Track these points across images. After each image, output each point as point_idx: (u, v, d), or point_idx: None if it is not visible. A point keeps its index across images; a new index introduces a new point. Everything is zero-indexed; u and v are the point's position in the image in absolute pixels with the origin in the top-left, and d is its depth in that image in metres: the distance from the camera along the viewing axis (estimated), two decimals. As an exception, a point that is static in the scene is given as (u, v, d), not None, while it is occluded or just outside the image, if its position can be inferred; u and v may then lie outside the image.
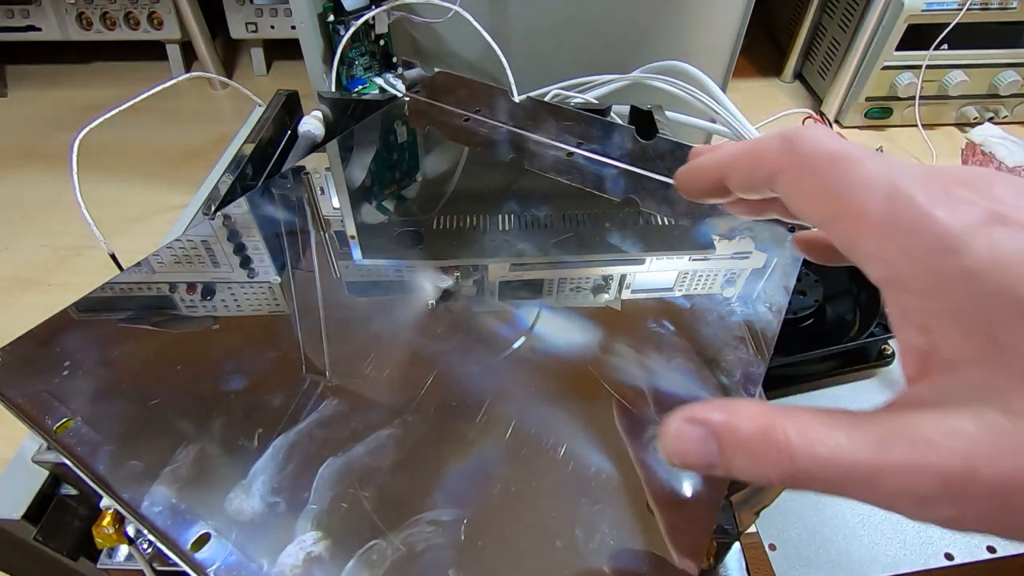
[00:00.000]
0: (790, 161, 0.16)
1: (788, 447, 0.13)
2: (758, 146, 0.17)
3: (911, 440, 0.12)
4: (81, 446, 0.23)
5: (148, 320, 0.29)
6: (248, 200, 0.37)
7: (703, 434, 0.15)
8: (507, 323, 0.30)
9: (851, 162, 0.15)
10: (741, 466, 0.14)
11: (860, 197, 0.14)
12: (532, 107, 0.44)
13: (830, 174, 0.15)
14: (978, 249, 0.13)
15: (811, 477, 0.13)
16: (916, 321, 0.14)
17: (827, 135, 0.15)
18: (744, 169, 0.17)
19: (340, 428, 0.24)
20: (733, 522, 0.26)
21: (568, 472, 0.23)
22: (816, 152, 0.15)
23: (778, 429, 0.14)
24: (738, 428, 0.14)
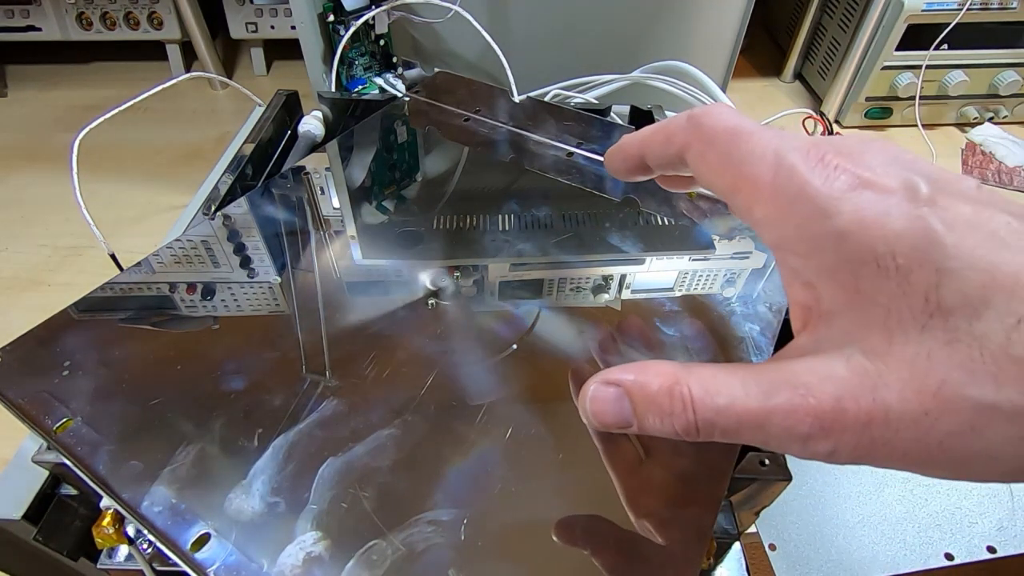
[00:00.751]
0: (695, 137, 0.17)
1: (691, 400, 0.15)
2: (668, 125, 0.18)
3: (792, 385, 0.14)
4: (81, 446, 0.23)
5: (148, 320, 0.29)
6: (248, 200, 0.37)
7: (617, 394, 0.16)
8: (507, 323, 0.30)
9: (745, 136, 0.16)
10: (652, 422, 0.16)
11: (751, 168, 0.16)
12: (532, 107, 0.44)
13: (727, 148, 0.16)
14: (846, 212, 0.14)
15: (712, 426, 0.15)
16: (800, 279, 0.15)
17: (728, 112, 0.17)
18: (658, 146, 0.19)
19: (340, 428, 0.24)
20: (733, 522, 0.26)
21: (568, 472, 0.23)
22: (715, 128, 0.17)
23: (682, 384, 0.15)
24: (647, 385, 0.16)
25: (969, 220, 0.13)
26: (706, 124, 0.17)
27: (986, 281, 0.13)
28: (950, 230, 0.13)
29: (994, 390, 0.12)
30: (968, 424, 0.12)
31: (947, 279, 0.13)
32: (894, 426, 0.13)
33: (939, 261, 0.13)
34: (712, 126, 0.17)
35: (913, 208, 0.14)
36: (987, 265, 0.13)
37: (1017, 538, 0.35)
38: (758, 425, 0.14)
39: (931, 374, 0.13)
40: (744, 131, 0.16)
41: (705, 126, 0.17)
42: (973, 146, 0.72)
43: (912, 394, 0.13)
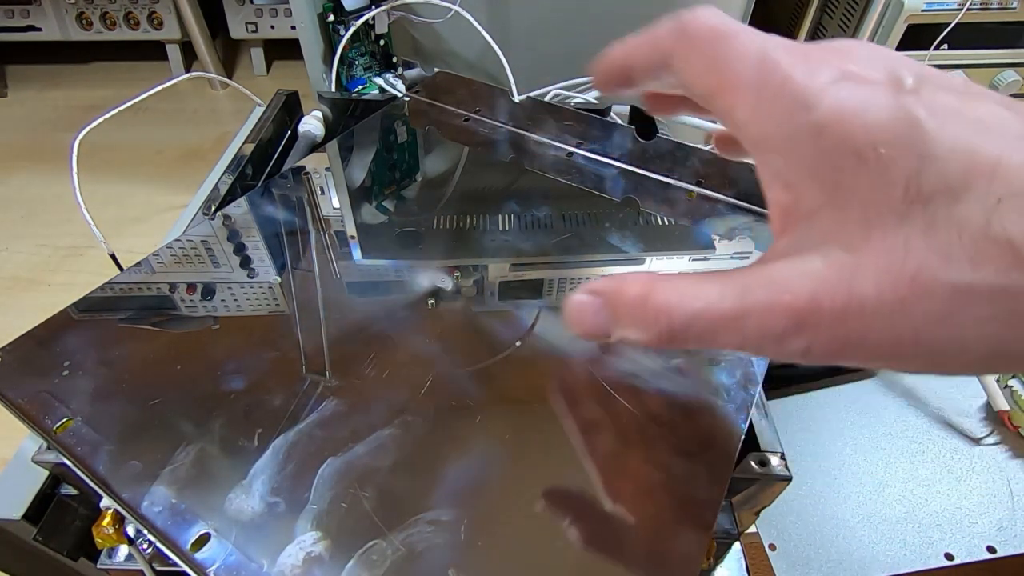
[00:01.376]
0: (681, 41, 0.17)
1: (667, 306, 0.15)
2: (655, 30, 0.18)
3: (768, 284, 0.14)
4: (81, 446, 0.23)
5: (148, 320, 0.29)
6: (248, 200, 0.37)
7: (599, 303, 0.16)
8: (507, 323, 0.30)
9: (729, 36, 0.16)
10: (630, 330, 0.16)
11: (735, 67, 0.15)
12: (532, 107, 0.44)
13: (712, 49, 0.16)
14: (826, 104, 0.13)
15: (688, 331, 0.15)
16: (780, 179, 0.15)
17: (713, 13, 0.16)
18: (644, 54, 0.18)
19: (340, 428, 0.24)
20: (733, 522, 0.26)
21: (568, 472, 0.23)
22: (700, 29, 0.16)
23: (659, 291, 0.15)
24: (625, 293, 0.16)
25: (954, 108, 0.13)
26: (690, 26, 0.16)
27: (967, 165, 0.12)
28: (932, 117, 0.13)
29: (971, 271, 0.12)
30: (944, 310, 0.12)
31: (928, 165, 0.12)
32: (869, 318, 0.13)
33: (921, 148, 0.13)
34: (696, 28, 0.16)
35: (896, 98, 0.13)
36: (968, 148, 0.12)
37: (1017, 538, 0.35)
38: (734, 327, 0.14)
39: (908, 261, 0.12)
40: (730, 31, 0.16)
41: (689, 29, 0.16)
42: (973, 146, 0.72)
43: (888, 284, 0.12)
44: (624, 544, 0.21)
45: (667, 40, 0.17)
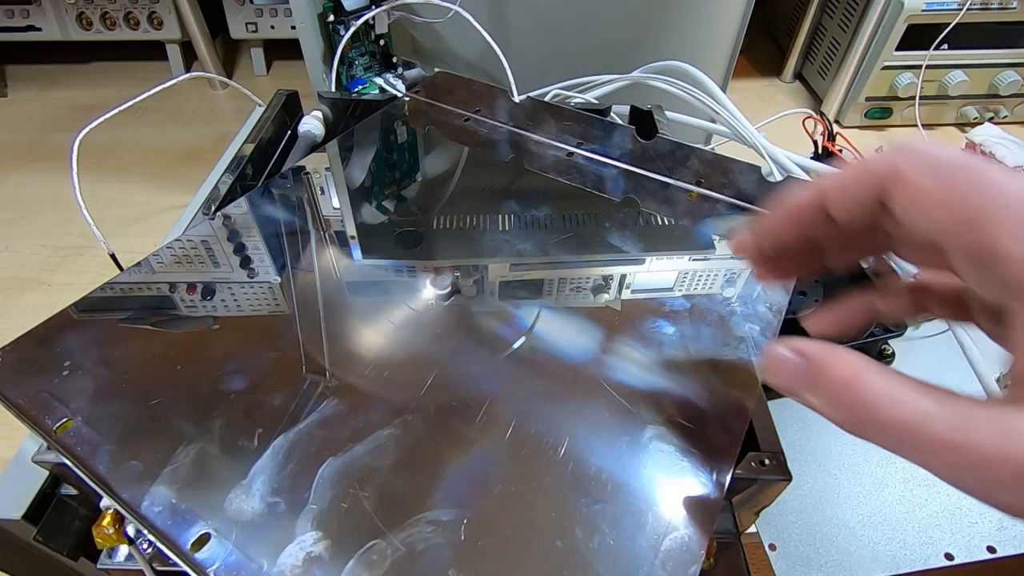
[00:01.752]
0: (911, 166, 0.15)
1: (871, 402, 0.14)
2: (868, 162, 0.17)
3: (1000, 427, 0.13)
4: (81, 446, 0.23)
5: (148, 320, 0.29)
6: (248, 200, 0.37)
7: (799, 364, 0.16)
8: (507, 323, 0.30)
9: (980, 169, 0.15)
10: (822, 404, 0.16)
11: (998, 198, 0.14)
12: (532, 107, 0.44)
13: (958, 180, 0.15)
14: None
15: (885, 432, 0.14)
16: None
17: (942, 146, 0.15)
18: (853, 186, 0.17)
19: (340, 428, 0.24)
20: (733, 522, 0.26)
21: (568, 472, 0.23)
22: (939, 158, 0.15)
23: (866, 383, 0.15)
24: (831, 371, 0.15)
25: None
26: (924, 152, 0.15)
27: None
28: None
29: None
30: None
31: None
32: None
33: None
34: (932, 155, 0.15)
35: None
36: None
37: (1017, 538, 0.35)
38: (941, 452, 0.13)
39: None
40: (974, 163, 0.15)
41: (923, 154, 0.15)
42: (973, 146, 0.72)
43: None
44: (624, 544, 0.21)
45: (883, 167, 0.16)
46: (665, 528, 0.21)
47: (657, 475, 0.23)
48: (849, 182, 0.17)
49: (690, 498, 0.22)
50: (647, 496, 0.22)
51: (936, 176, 0.15)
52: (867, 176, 0.16)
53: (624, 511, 0.22)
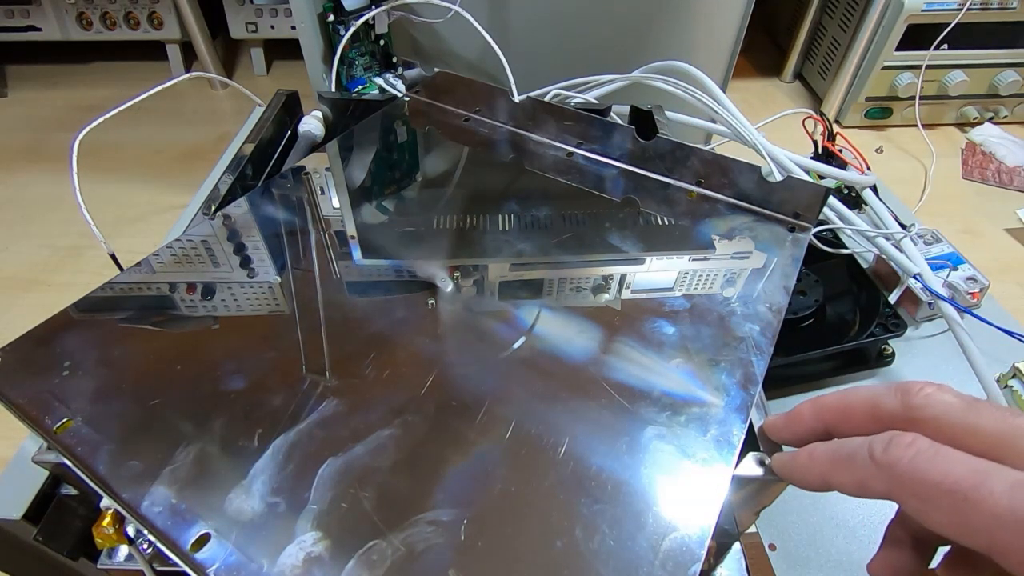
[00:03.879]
0: (901, 492, 0.15)
1: None
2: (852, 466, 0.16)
3: None
4: (81, 446, 0.23)
5: (148, 320, 0.29)
6: (248, 200, 0.37)
7: None
8: (507, 323, 0.30)
9: (972, 496, 0.13)
10: None
11: (1004, 539, 0.13)
12: (532, 107, 0.44)
13: (956, 512, 0.14)
14: None
15: None
16: None
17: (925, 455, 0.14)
18: (851, 490, 0.16)
19: (340, 428, 0.24)
20: (733, 522, 0.26)
21: (568, 472, 0.23)
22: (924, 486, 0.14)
23: None
24: None
25: None
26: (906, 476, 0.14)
27: None
28: None
29: None
30: None
31: None
32: None
33: None
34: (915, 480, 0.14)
35: None
36: None
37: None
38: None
39: None
40: (963, 487, 0.14)
41: (908, 485, 0.14)
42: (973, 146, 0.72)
43: None
44: (624, 544, 0.21)
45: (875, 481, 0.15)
46: (665, 528, 0.21)
47: (657, 475, 0.23)
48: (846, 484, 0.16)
49: (690, 498, 0.22)
50: (647, 496, 0.22)
51: (934, 507, 0.14)
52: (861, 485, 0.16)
53: (624, 511, 0.22)
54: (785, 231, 0.36)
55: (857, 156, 0.51)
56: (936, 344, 0.46)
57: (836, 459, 0.17)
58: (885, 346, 0.45)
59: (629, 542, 0.21)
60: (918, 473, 0.14)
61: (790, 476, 0.19)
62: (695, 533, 0.21)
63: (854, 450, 0.16)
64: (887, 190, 0.57)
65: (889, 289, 0.46)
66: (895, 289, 0.45)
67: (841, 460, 0.16)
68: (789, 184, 0.36)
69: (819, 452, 0.18)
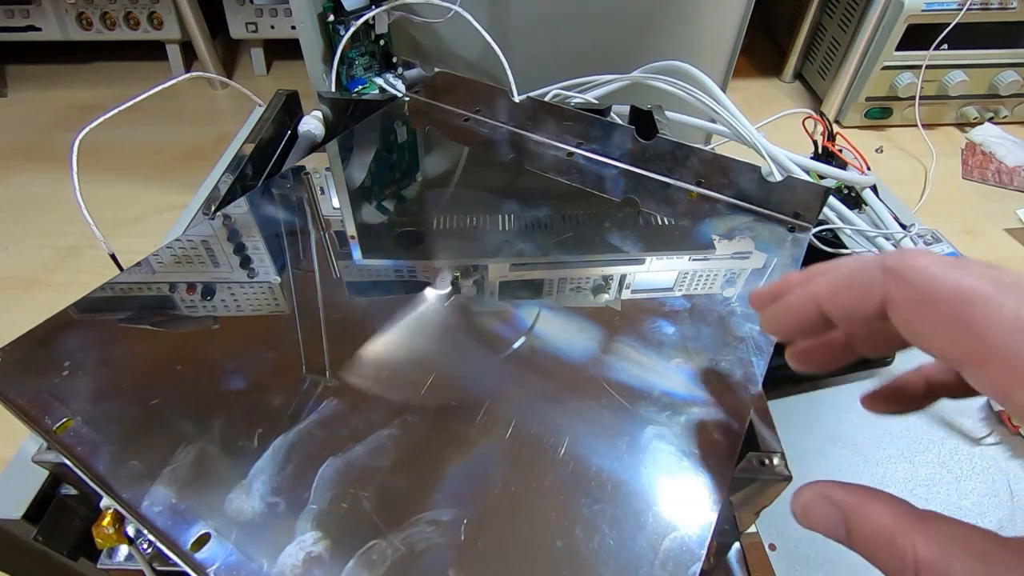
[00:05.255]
0: (905, 296, 0.15)
1: (914, 561, 0.13)
2: (857, 279, 0.16)
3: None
4: (81, 446, 0.23)
5: (148, 320, 0.29)
6: (248, 200, 0.37)
7: (834, 514, 0.16)
8: (507, 323, 0.30)
9: (982, 302, 0.13)
10: (864, 554, 0.15)
11: (1005, 345, 0.13)
12: (532, 107, 0.44)
13: (959, 315, 0.14)
14: None
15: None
16: None
17: (939, 267, 0.14)
18: (847, 304, 0.16)
19: (340, 428, 0.24)
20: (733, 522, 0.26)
21: (568, 472, 0.23)
22: (934, 288, 0.14)
23: (907, 538, 0.14)
24: (867, 521, 0.15)
25: None
26: (917, 282, 0.14)
27: None
28: None
29: None
30: None
31: None
32: None
33: None
34: (927, 285, 0.14)
35: None
36: None
37: (1017, 538, 0.35)
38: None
39: None
40: (978, 295, 0.13)
41: (916, 283, 0.14)
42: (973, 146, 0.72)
43: None
44: (624, 544, 0.21)
45: (878, 291, 0.15)
46: (665, 528, 0.21)
47: (657, 475, 0.23)
48: (846, 300, 0.16)
49: (690, 498, 0.22)
50: (647, 496, 0.22)
51: (934, 311, 0.14)
52: (862, 297, 0.16)
53: (624, 511, 0.22)
54: (785, 231, 0.36)
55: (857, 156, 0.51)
56: (936, 344, 0.46)
57: (836, 277, 0.17)
58: (885, 346, 0.44)
59: (629, 542, 0.21)
60: (935, 280, 0.14)
61: (778, 316, 0.19)
62: (695, 533, 0.21)
63: (862, 264, 0.16)
64: (887, 190, 0.57)
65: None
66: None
67: (842, 278, 0.16)
68: (789, 184, 0.36)
69: (817, 274, 0.17)
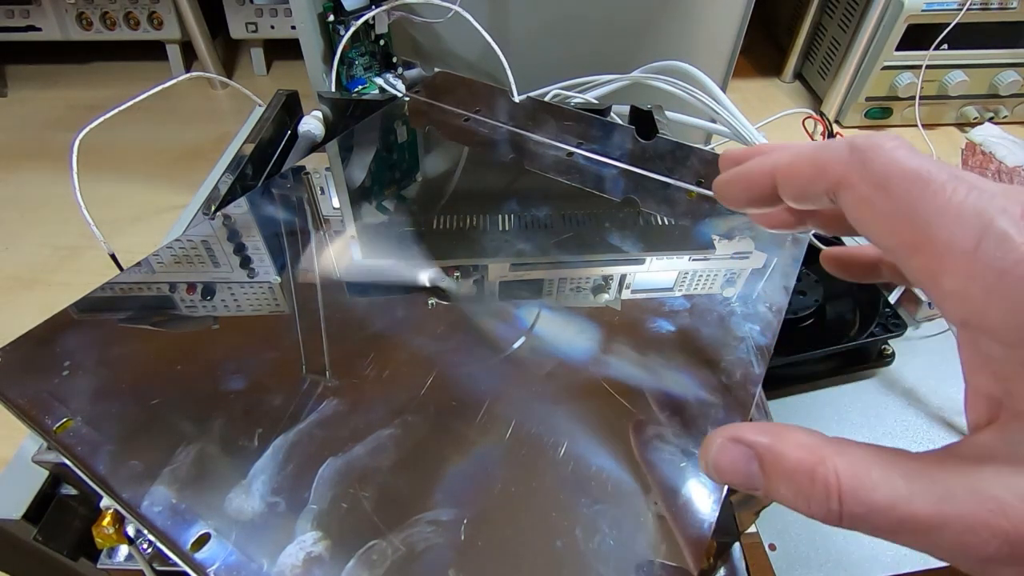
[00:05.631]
0: (862, 176, 0.14)
1: (838, 488, 0.13)
2: (820, 155, 0.15)
3: (978, 497, 0.12)
4: (81, 446, 0.23)
5: (148, 320, 0.29)
6: (248, 200, 0.37)
7: (746, 455, 0.14)
8: (507, 323, 0.30)
9: (935, 186, 0.13)
10: (784, 495, 0.14)
11: (945, 229, 0.13)
12: (532, 107, 0.44)
13: (909, 198, 0.13)
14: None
15: (861, 520, 0.13)
16: (992, 367, 0.13)
17: (905, 150, 0.14)
18: (802, 178, 0.16)
19: (340, 428, 0.24)
20: (733, 522, 0.26)
21: (568, 472, 0.23)
22: (892, 170, 0.14)
23: (827, 466, 0.13)
24: (783, 456, 0.14)
25: None
26: (877, 162, 0.14)
27: None
28: None
29: None
30: None
31: None
32: None
33: None
34: (886, 166, 0.14)
35: None
36: None
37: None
38: (924, 533, 0.12)
39: None
40: (933, 179, 0.13)
41: (876, 163, 0.14)
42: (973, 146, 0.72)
43: None
44: (624, 544, 0.21)
45: (839, 169, 0.15)
46: (665, 528, 0.21)
47: (657, 475, 0.23)
48: (801, 174, 0.16)
49: (690, 498, 0.22)
50: (647, 496, 0.22)
51: (886, 194, 0.14)
52: (819, 173, 0.15)
53: (624, 511, 0.22)
54: (785, 231, 0.36)
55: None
56: (936, 344, 0.46)
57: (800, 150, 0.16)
58: (885, 346, 0.45)
59: (629, 542, 0.21)
60: (895, 162, 0.14)
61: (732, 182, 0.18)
62: (695, 533, 0.21)
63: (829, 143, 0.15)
64: (887, 190, 0.57)
65: (889, 289, 0.46)
66: (895, 289, 0.44)
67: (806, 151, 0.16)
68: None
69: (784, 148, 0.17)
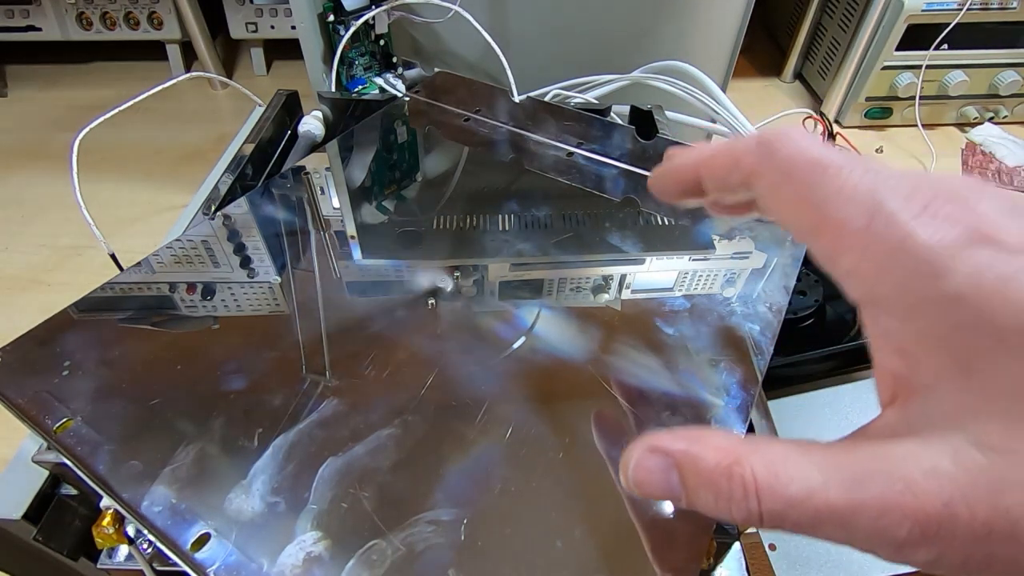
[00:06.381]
0: (768, 166, 0.15)
1: (755, 486, 0.13)
2: (735, 148, 0.16)
3: (887, 478, 0.12)
4: (81, 446, 0.23)
5: (148, 320, 0.29)
6: (248, 200, 0.37)
7: (664, 464, 0.14)
8: (507, 323, 0.30)
9: (832, 171, 0.14)
10: (704, 501, 0.14)
11: (840, 210, 0.13)
12: (532, 107, 0.44)
13: (809, 183, 0.14)
14: (959, 272, 0.12)
15: (780, 517, 0.13)
16: (894, 343, 0.13)
17: (807, 140, 0.15)
18: (720, 170, 0.17)
19: (340, 428, 0.24)
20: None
21: (568, 472, 0.23)
22: (795, 158, 0.14)
23: (743, 464, 0.13)
24: (700, 460, 0.14)
25: None
26: (782, 152, 0.15)
27: None
28: None
29: None
30: None
31: None
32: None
33: None
34: (789, 156, 0.15)
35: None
36: None
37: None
38: (841, 522, 0.12)
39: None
40: (830, 164, 0.14)
41: (780, 155, 0.15)
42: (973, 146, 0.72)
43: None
44: (624, 544, 0.21)
45: (750, 160, 0.15)
46: (665, 528, 0.21)
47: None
48: (719, 166, 0.17)
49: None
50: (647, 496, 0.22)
51: (790, 180, 0.14)
52: (736, 170, 0.16)
53: (624, 511, 0.22)
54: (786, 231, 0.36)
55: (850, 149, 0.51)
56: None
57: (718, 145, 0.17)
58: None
59: (629, 542, 0.21)
60: (799, 151, 0.14)
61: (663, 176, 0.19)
62: (695, 533, 0.21)
63: (743, 138, 0.16)
64: (887, 190, 0.57)
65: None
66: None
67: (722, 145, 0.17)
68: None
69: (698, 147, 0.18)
